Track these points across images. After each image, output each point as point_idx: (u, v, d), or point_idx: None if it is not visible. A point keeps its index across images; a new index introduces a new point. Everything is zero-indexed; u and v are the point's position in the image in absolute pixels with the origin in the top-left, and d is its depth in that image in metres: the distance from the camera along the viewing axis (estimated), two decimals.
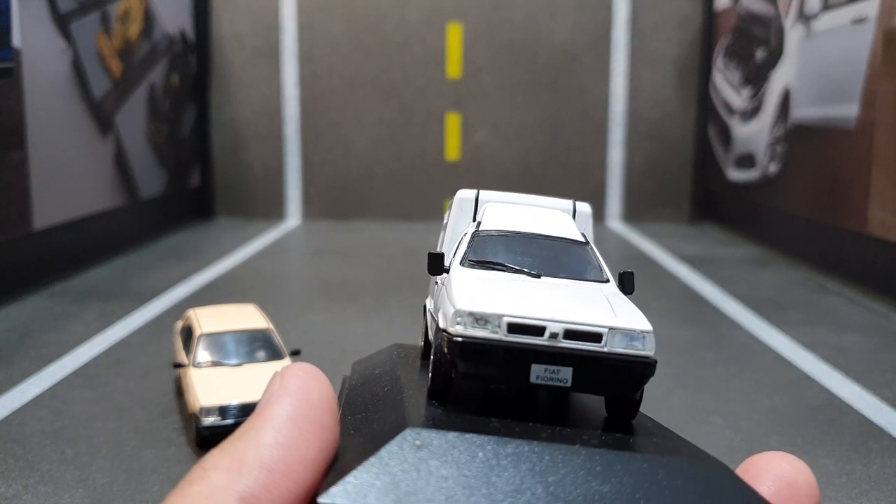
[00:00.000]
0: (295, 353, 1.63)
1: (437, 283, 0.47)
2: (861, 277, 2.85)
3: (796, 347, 2.18)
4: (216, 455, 0.30)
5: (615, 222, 4.59)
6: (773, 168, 3.67)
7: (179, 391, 1.69)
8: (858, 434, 1.60)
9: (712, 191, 4.51)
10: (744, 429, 1.61)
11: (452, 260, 0.45)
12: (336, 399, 0.33)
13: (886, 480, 1.40)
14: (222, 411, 1.42)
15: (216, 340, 1.58)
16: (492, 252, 0.45)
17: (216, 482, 0.29)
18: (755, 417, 1.68)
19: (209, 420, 1.42)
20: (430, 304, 0.49)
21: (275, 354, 1.58)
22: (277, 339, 1.62)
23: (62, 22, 2.93)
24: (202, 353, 1.55)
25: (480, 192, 0.52)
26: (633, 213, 4.64)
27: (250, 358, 1.56)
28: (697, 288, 2.92)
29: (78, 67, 3.06)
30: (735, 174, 4.15)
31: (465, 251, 0.45)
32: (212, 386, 1.47)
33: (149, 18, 3.76)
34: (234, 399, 1.44)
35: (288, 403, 0.31)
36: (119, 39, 3.43)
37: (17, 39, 2.59)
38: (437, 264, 0.46)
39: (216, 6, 4.48)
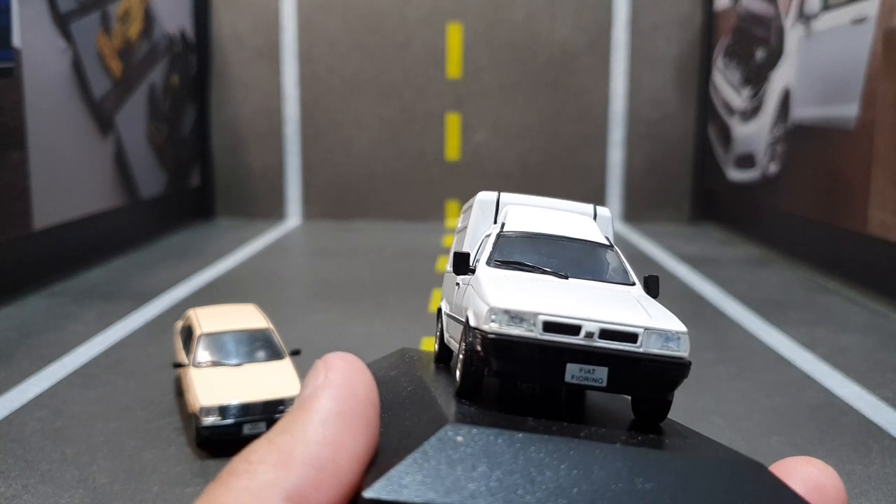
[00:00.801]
0: (295, 353, 1.63)
1: (457, 284, 0.47)
2: (861, 277, 2.85)
3: (796, 347, 2.18)
4: (262, 448, 0.29)
5: (615, 222, 4.57)
6: (773, 168, 3.67)
7: (179, 391, 1.69)
8: (858, 434, 1.60)
9: (712, 191, 4.51)
10: (744, 429, 1.61)
11: (477, 261, 0.45)
12: (377, 393, 0.32)
13: (886, 480, 1.40)
14: (222, 411, 1.42)
15: (216, 340, 1.58)
16: (517, 253, 0.44)
17: (262, 478, 0.28)
18: (755, 417, 1.68)
19: (209, 420, 1.42)
20: (445, 306, 0.49)
21: (275, 354, 1.58)
22: (277, 339, 1.62)
23: (62, 22, 2.93)
24: (202, 353, 1.55)
25: (501, 194, 0.51)
26: (633, 213, 4.64)
27: (250, 358, 1.56)
28: (697, 288, 2.92)
29: (78, 67, 3.06)
30: (735, 174, 4.15)
31: (491, 251, 0.45)
32: (212, 386, 1.47)
33: (149, 18, 3.76)
34: (234, 399, 1.43)
35: (333, 397, 0.30)
36: (119, 39, 3.43)
37: (17, 39, 2.59)
38: (462, 264, 0.45)
39: (216, 6, 4.48)
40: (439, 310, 0.50)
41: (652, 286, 0.45)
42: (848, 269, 2.96)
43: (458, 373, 0.39)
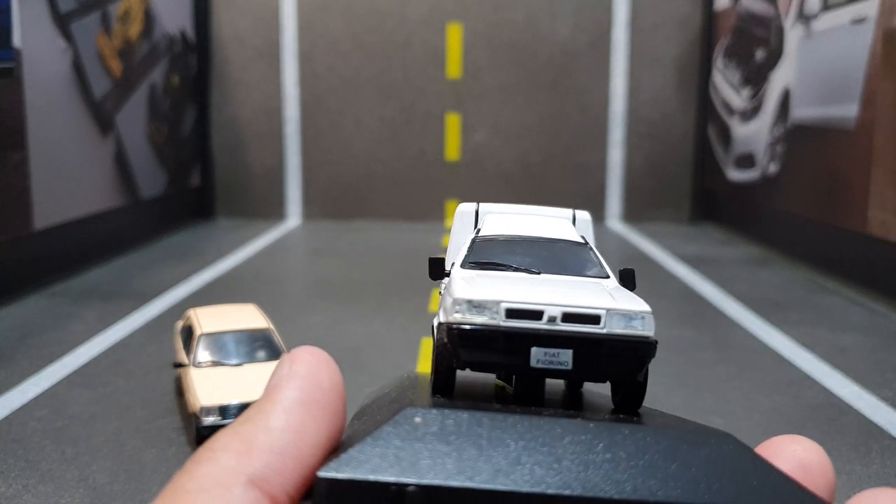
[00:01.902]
0: None
1: (441, 293, 0.48)
2: (861, 277, 2.85)
3: (796, 347, 2.18)
4: (225, 437, 0.30)
5: (615, 222, 4.59)
6: (772, 168, 3.67)
7: (179, 391, 1.69)
8: (858, 434, 1.61)
9: (712, 191, 4.51)
10: (744, 429, 1.62)
11: (453, 265, 0.46)
12: (343, 384, 0.33)
13: (886, 480, 1.40)
14: (222, 411, 1.43)
15: (216, 340, 1.58)
16: (491, 254, 0.45)
17: (225, 464, 0.29)
18: (755, 417, 1.68)
19: (209, 420, 1.42)
20: (436, 320, 0.50)
21: (275, 354, 1.58)
22: (277, 338, 1.62)
23: (62, 22, 2.93)
24: (202, 353, 1.55)
25: (480, 204, 0.52)
26: (633, 213, 4.64)
27: (250, 358, 1.56)
28: (697, 288, 2.92)
29: (78, 67, 3.06)
30: (735, 174, 4.15)
31: (466, 255, 0.46)
32: (212, 386, 1.47)
33: (149, 18, 3.76)
34: (235, 399, 1.44)
35: (297, 387, 0.31)
36: (119, 39, 3.43)
37: (17, 39, 2.59)
38: (437, 269, 0.46)
39: (216, 6, 4.48)
40: (433, 326, 0.51)
41: (627, 279, 0.46)
42: (848, 269, 2.96)
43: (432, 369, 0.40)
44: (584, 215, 0.52)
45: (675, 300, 2.73)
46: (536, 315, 0.37)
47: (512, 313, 0.37)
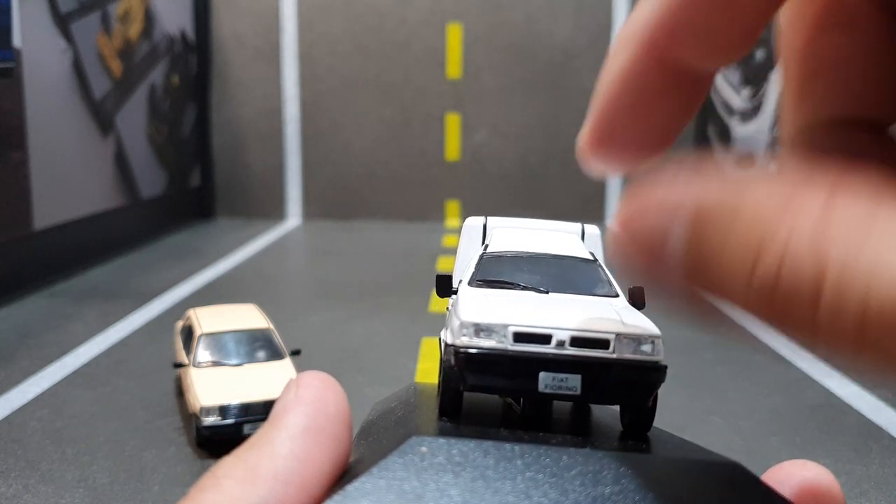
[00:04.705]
0: (295, 353, 1.63)
1: (448, 309, 0.47)
2: None
3: (796, 347, 2.18)
4: (229, 463, 0.30)
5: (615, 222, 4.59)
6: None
7: (180, 391, 1.69)
8: (858, 434, 1.61)
9: None
10: (744, 429, 1.62)
11: (461, 282, 0.46)
12: (350, 411, 0.32)
13: (886, 480, 1.40)
14: (222, 411, 1.43)
15: (217, 340, 1.58)
16: (499, 272, 0.45)
17: (229, 492, 0.28)
18: (755, 417, 1.68)
19: (209, 420, 1.42)
20: (444, 334, 0.50)
21: (275, 354, 1.58)
22: (277, 338, 1.62)
23: (62, 22, 2.93)
24: (203, 353, 1.55)
25: (489, 218, 0.52)
26: None
27: (251, 358, 1.56)
28: None
29: (78, 67, 3.06)
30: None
31: (473, 272, 0.45)
32: (212, 386, 1.47)
33: (149, 18, 3.76)
34: (235, 399, 1.44)
35: (303, 413, 0.31)
36: (119, 39, 3.43)
37: (17, 39, 2.59)
38: (445, 286, 0.46)
39: (216, 6, 4.48)
40: (440, 338, 0.51)
41: (637, 297, 0.45)
42: None
43: (439, 391, 0.40)
44: (592, 230, 0.51)
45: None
46: (545, 339, 0.37)
47: (520, 337, 0.37)
